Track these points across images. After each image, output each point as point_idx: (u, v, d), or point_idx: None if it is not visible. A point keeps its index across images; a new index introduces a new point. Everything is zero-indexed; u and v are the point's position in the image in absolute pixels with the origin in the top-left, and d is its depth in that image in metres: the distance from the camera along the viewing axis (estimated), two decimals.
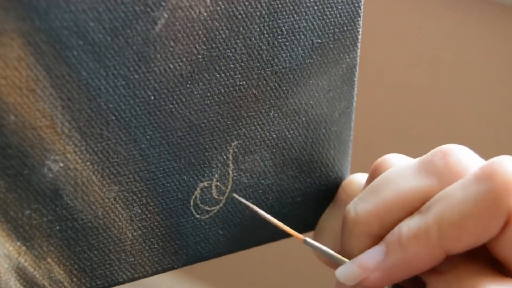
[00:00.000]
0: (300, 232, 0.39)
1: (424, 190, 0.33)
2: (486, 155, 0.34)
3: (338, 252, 0.35)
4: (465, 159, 0.33)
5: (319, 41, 0.36)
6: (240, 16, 0.33)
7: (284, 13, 0.34)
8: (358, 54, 0.37)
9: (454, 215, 0.31)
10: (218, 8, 0.32)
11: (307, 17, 0.35)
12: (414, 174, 0.33)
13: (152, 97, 0.32)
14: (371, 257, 0.33)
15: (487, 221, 0.30)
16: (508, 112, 1.03)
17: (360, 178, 0.38)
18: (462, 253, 0.32)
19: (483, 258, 0.32)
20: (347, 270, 0.34)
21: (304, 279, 1.21)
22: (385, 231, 0.33)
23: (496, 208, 0.30)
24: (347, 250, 0.34)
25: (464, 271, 0.32)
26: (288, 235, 0.36)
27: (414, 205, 0.33)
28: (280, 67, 0.35)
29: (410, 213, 0.33)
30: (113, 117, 0.32)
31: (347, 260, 0.34)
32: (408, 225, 0.32)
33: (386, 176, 0.34)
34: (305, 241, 0.35)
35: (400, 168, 0.34)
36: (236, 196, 0.36)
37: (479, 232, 0.31)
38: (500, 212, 0.30)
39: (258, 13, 0.34)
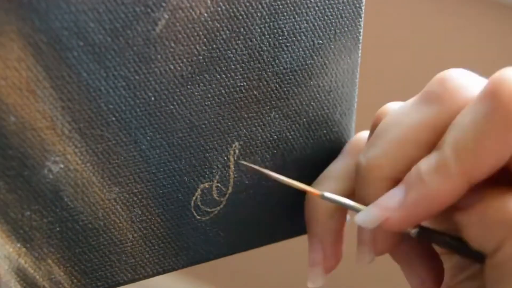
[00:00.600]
0: (301, 234, 0.39)
1: (429, 120, 0.32)
2: None
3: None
4: (464, 81, 0.32)
5: (320, 41, 0.36)
6: (241, 17, 0.33)
7: (285, 14, 0.34)
8: (359, 55, 0.37)
9: (469, 139, 0.30)
10: (219, 9, 0.32)
11: (308, 18, 0.35)
12: (415, 108, 0.33)
13: (153, 98, 0.32)
14: (392, 197, 0.32)
15: (503, 136, 0.30)
16: None
17: (365, 134, 0.37)
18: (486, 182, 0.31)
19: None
20: (368, 214, 0.32)
21: (304, 279, 1.21)
22: (399, 173, 0.32)
23: (509, 121, 0.29)
24: (363, 199, 0.33)
25: (492, 194, 0.30)
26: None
27: (423, 138, 0.32)
28: (281, 68, 0.35)
29: (420, 147, 0.32)
30: (114, 118, 0.31)
31: (365, 207, 0.33)
32: (425, 162, 0.31)
33: (388, 119, 0.33)
34: (322, 196, 0.34)
35: (401, 108, 0.33)
36: (244, 162, 0.36)
37: (497, 150, 0.30)
38: None
39: (259, 14, 0.34)
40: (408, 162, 0.32)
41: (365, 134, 0.37)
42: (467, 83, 0.32)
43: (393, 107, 0.35)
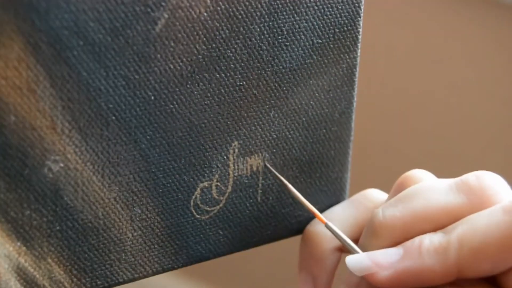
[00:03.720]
0: (300, 233, 0.39)
1: (454, 208, 0.33)
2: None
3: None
4: (498, 186, 0.34)
5: (319, 41, 0.36)
6: (240, 16, 0.33)
7: (284, 13, 0.34)
8: (358, 54, 0.37)
9: (476, 239, 0.31)
10: (219, 8, 0.32)
11: (307, 17, 0.35)
12: (446, 191, 0.34)
13: (152, 97, 0.32)
14: (387, 256, 0.33)
15: (506, 251, 0.31)
16: (508, 112, 1.03)
17: (376, 193, 0.38)
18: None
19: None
20: (360, 260, 0.34)
21: None
22: (407, 240, 0.33)
23: None
24: (364, 247, 0.35)
25: None
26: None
27: (442, 221, 0.33)
28: (281, 67, 0.35)
29: (435, 228, 0.33)
30: (113, 117, 0.32)
31: (361, 252, 0.34)
32: (431, 238, 0.33)
33: (418, 187, 0.34)
34: (326, 224, 0.35)
35: (433, 183, 0.34)
36: (270, 167, 0.36)
37: (497, 261, 0.31)
38: None
39: (258, 13, 0.34)
40: (418, 234, 0.33)
41: (376, 192, 0.38)
42: (500, 189, 0.34)
43: (422, 175, 0.36)
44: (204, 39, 0.33)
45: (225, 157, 0.35)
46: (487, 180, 0.34)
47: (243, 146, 0.35)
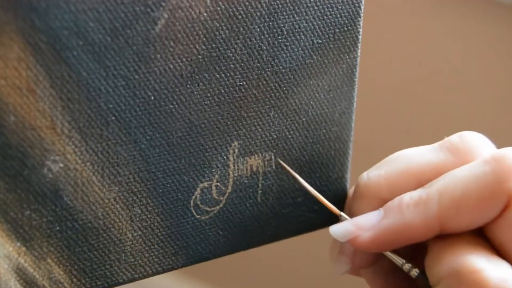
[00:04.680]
0: (300, 233, 0.39)
1: (438, 164, 0.33)
2: None
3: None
4: (481, 143, 0.34)
5: (320, 41, 0.36)
6: (240, 16, 0.33)
7: (284, 13, 0.34)
8: (359, 54, 0.37)
9: (456, 191, 0.31)
10: (218, 8, 0.32)
11: (307, 17, 0.35)
12: (430, 150, 0.34)
13: (152, 98, 0.32)
14: (368, 218, 0.33)
15: (487, 201, 0.31)
16: (508, 112, 1.03)
17: None
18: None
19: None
20: (342, 226, 0.34)
21: (304, 279, 1.21)
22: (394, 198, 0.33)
23: (497, 189, 0.31)
24: (354, 213, 0.35)
25: (453, 243, 0.31)
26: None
27: (426, 177, 0.33)
28: (281, 67, 0.35)
29: (420, 183, 0.33)
30: (113, 118, 0.32)
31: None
32: (410, 195, 0.32)
33: (402, 151, 0.34)
34: (340, 216, 0.36)
35: (416, 148, 0.34)
36: (281, 161, 0.36)
37: (477, 211, 0.31)
38: (500, 194, 0.31)
39: (258, 13, 0.34)
40: (405, 191, 0.33)
41: None
42: (482, 146, 0.34)
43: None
44: (204, 39, 0.33)
45: (225, 157, 0.35)
46: (470, 137, 0.34)
47: (243, 146, 0.35)
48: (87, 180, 0.32)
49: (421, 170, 0.33)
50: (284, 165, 0.36)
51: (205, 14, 0.32)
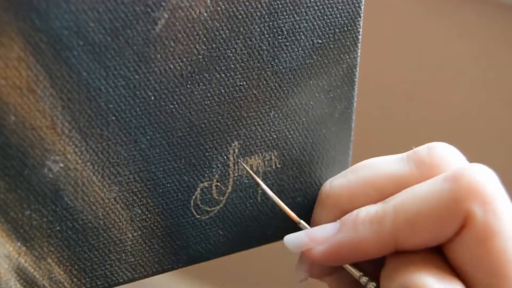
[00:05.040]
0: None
1: (402, 176, 0.32)
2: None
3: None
4: (449, 157, 0.33)
5: (320, 41, 0.36)
6: (240, 16, 0.33)
7: (284, 13, 0.34)
8: (359, 54, 0.37)
9: (412, 209, 0.31)
10: (219, 8, 0.32)
11: (307, 17, 0.35)
12: (395, 160, 0.33)
13: (152, 98, 0.32)
14: (323, 230, 0.33)
15: (442, 220, 0.30)
16: (508, 112, 1.03)
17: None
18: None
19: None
20: (296, 236, 0.34)
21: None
22: (354, 209, 0.33)
23: (453, 208, 0.30)
24: (315, 223, 0.34)
25: (407, 260, 0.31)
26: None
27: (388, 190, 0.32)
28: (281, 67, 0.35)
29: (382, 197, 0.32)
30: (113, 118, 0.32)
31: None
32: (367, 209, 0.32)
33: (367, 161, 0.34)
34: (299, 223, 0.35)
35: (385, 156, 0.34)
36: (243, 164, 0.36)
37: (432, 230, 0.30)
38: (456, 213, 0.30)
39: (258, 13, 0.34)
40: (365, 203, 0.33)
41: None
42: (450, 159, 0.32)
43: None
44: (204, 39, 0.33)
45: (225, 157, 0.35)
46: (438, 150, 0.33)
47: (243, 146, 0.35)
48: (88, 180, 0.32)
49: (383, 182, 0.33)
50: (248, 169, 0.36)
51: (205, 14, 0.32)
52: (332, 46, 0.36)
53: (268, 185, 0.37)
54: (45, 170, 0.31)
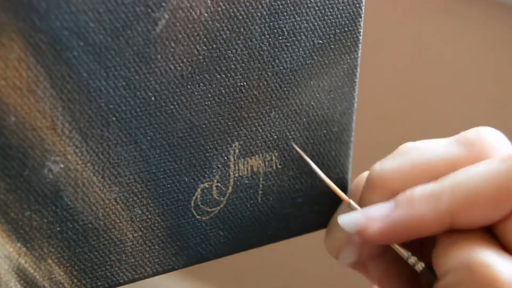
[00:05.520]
0: (300, 233, 0.39)
1: (453, 158, 0.33)
2: None
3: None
4: (498, 140, 0.33)
5: (320, 41, 0.36)
6: (241, 17, 0.33)
7: (285, 13, 0.34)
8: (359, 54, 0.37)
9: (469, 187, 0.31)
10: (219, 9, 0.32)
11: (308, 17, 0.35)
12: (444, 144, 0.33)
13: (153, 98, 0.32)
14: (379, 209, 0.33)
15: (499, 199, 0.30)
16: (508, 112, 1.03)
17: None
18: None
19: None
20: (351, 216, 0.33)
21: (305, 279, 1.21)
22: None
23: (510, 187, 0.30)
24: (365, 204, 0.34)
25: (465, 237, 0.31)
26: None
27: (440, 171, 0.32)
28: (281, 67, 0.35)
29: (433, 177, 0.32)
30: (114, 118, 0.32)
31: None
32: (423, 187, 0.32)
33: (417, 143, 0.34)
34: (349, 204, 0.35)
35: (430, 140, 0.34)
36: (295, 146, 0.36)
37: (489, 209, 0.31)
38: None
39: (259, 14, 0.34)
40: (417, 184, 0.33)
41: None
42: (499, 144, 0.33)
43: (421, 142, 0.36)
44: (205, 39, 0.33)
45: (225, 157, 0.35)
46: (487, 134, 0.33)
47: (244, 146, 0.35)
48: (88, 181, 0.32)
49: (435, 164, 0.33)
50: (298, 149, 0.36)
51: (206, 14, 0.32)
52: (332, 46, 0.36)
53: (268, 186, 0.37)
54: (45, 171, 0.31)
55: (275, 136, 0.36)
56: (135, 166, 0.33)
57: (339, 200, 0.39)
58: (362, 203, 0.34)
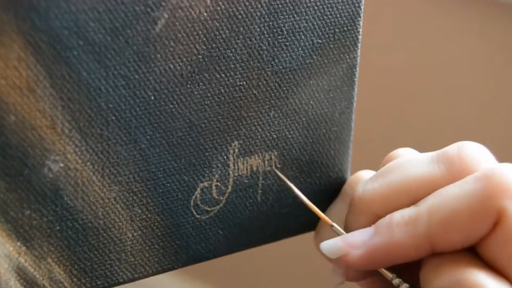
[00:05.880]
0: (300, 233, 0.39)
1: (433, 179, 0.33)
2: None
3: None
4: (479, 157, 0.33)
5: (320, 41, 0.36)
6: (240, 16, 0.33)
7: (284, 13, 0.34)
8: (358, 54, 0.37)
9: (446, 209, 0.31)
10: (219, 8, 0.32)
11: (307, 17, 0.35)
12: (426, 162, 0.33)
13: (152, 97, 0.32)
14: (359, 235, 0.33)
15: (476, 219, 0.31)
16: (508, 112, 1.03)
17: (365, 174, 0.38)
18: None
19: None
20: (333, 243, 0.34)
21: (304, 279, 1.21)
22: (387, 214, 0.33)
23: (486, 206, 0.30)
24: (349, 227, 0.35)
25: (451, 258, 0.31)
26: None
27: (421, 192, 0.33)
28: (281, 67, 0.35)
29: (415, 200, 0.33)
30: (113, 117, 0.32)
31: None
32: (401, 213, 0.32)
33: (397, 162, 0.34)
34: (331, 226, 0.36)
35: (414, 156, 0.34)
36: (276, 171, 0.36)
37: (467, 229, 0.31)
38: (489, 211, 0.30)
39: (258, 13, 0.34)
40: (398, 207, 0.33)
41: (365, 173, 0.38)
42: (479, 159, 0.33)
43: (406, 152, 0.36)
44: (204, 39, 0.33)
45: (225, 157, 0.35)
46: (468, 150, 0.33)
47: (243, 146, 0.35)
48: (87, 180, 0.32)
49: (415, 186, 0.33)
50: (279, 174, 0.36)
51: (205, 14, 0.32)
52: (332, 46, 0.36)
53: (268, 185, 0.37)
54: (45, 170, 0.31)
55: (275, 136, 0.36)
56: (134, 165, 0.33)
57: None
58: (346, 226, 0.35)
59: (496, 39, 1.02)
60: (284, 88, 0.36)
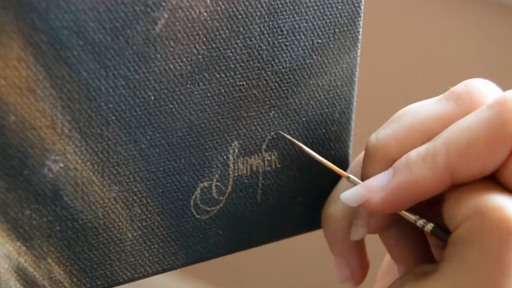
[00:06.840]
0: (300, 233, 0.39)
1: (444, 115, 0.33)
2: None
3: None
4: (487, 90, 0.33)
5: (320, 41, 0.36)
6: (240, 16, 0.33)
7: (284, 13, 0.34)
8: (358, 54, 0.37)
9: (462, 139, 0.31)
10: (218, 8, 0.32)
11: (307, 17, 0.35)
12: (434, 103, 0.34)
13: (152, 97, 0.32)
14: (378, 179, 0.33)
15: (494, 145, 0.31)
16: None
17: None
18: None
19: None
20: (353, 191, 0.34)
21: (304, 279, 1.21)
22: None
23: (503, 132, 0.30)
24: (366, 176, 0.34)
25: (472, 187, 0.31)
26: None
27: (434, 131, 0.33)
28: (280, 67, 0.35)
29: (428, 137, 0.33)
30: (113, 117, 0.32)
31: None
32: (417, 150, 0.32)
33: (406, 108, 0.34)
34: (348, 178, 0.35)
35: (422, 101, 0.34)
36: (283, 133, 0.36)
37: (485, 157, 0.31)
38: (507, 136, 0.30)
39: (258, 13, 0.34)
40: (414, 148, 0.33)
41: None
42: (488, 92, 0.33)
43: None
44: (204, 39, 0.33)
45: (225, 157, 0.35)
46: (475, 85, 0.33)
47: (243, 146, 0.35)
48: (87, 180, 0.32)
49: (428, 124, 0.33)
50: (287, 136, 0.36)
51: (205, 14, 0.32)
52: (332, 46, 0.36)
53: (268, 185, 0.37)
54: (45, 170, 0.31)
55: (275, 136, 0.36)
56: (134, 165, 0.33)
57: None
58: (363, 176, 0.34)
59: (496, 39, 1.02)
60: (284, 88, 0.36)
